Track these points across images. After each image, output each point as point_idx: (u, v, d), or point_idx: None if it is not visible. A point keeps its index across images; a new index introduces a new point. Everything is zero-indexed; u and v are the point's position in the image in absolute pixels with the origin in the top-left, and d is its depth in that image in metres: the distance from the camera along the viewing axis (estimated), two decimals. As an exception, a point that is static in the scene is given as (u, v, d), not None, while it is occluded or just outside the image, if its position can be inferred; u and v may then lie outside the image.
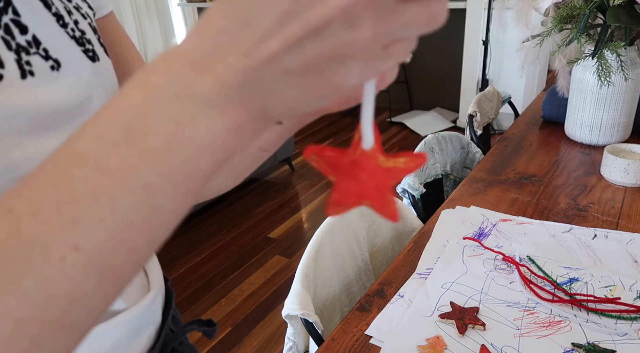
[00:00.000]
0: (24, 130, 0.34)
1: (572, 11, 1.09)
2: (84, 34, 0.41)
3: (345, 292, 0.96)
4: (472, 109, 1.61)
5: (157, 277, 0.51)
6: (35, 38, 0.35)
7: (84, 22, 0.42)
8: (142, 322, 0.46)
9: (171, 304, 0.52)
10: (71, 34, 0.39)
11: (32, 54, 0.34)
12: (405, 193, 1.20)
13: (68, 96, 0.37)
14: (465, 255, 0.84)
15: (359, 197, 0.24)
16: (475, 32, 3.36)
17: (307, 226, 2.45)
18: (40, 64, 0.35)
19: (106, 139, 0.21)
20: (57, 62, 0.36)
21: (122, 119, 0.21)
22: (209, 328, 0.55)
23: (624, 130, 1.22)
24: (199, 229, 2.47)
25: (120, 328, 0.43)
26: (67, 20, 0.39)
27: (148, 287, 0.50)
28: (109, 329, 0.42)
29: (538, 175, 1.13)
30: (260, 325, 1.79)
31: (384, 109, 4.24)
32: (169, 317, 0.51)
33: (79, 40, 0.40)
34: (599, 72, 1.08)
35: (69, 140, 0.21)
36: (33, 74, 0.34)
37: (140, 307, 0.46)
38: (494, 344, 0.65)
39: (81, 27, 0.41)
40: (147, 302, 0.47)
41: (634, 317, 0.68)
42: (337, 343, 0.67)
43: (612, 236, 0.87)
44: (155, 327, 0.49)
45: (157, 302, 0.49)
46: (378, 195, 0.24)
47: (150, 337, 0.48)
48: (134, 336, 0.45)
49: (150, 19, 4.27)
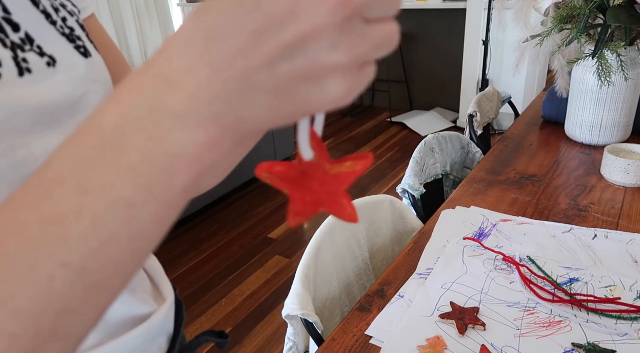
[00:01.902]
0: (27, 128, 0.34)
1: (572, 11, 1.09)
2: (73, 31, 0.41)
3: (345, 292, 0.96)
4: (472, 109, 1.61)
5: (168, 286, 0.51)
6: (28, 35, 0.35)
7: (72, 19, 0.42)
8: (156, 331, 0.46)
9: (182, 314, 0.52)
10: (61, 30, 0.39)
11: (27, 51, 0.34)
12: (405, 193, 1.20)
13: (66, 92, 0.37)
14: (465, 255, 0.84)
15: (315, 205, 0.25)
16: (475, 32, 3.36)
17: (307, 226, 2.45)
18: (36, 60, 0.35)
19: (84, 157, 0.21)
20: (52, 58, 0.36)
21: (97, 136, 0.21)
22: (221, 339, 0.55)
23: (624, 130, 1.22)
24: (199, 229, 2.47)
25: (136, 339, 0.43)
26: (55, 18, 0.39)
27: (162, 297, 0.50)
28: (126, 341, 0.42)
29: (538, 175, 1.13)
30: (260, 325, 1.79)
31: (384, 109, 4.25)
32: (181, 327, 0.51)
33: (69, 37, 0.40)
34: (599, 72, 1.08)
35: (49, 159, 0.22)
36: (30, 71, 0.34)
37: (156, 317, 0.46)
38: (494, 344, 0.65)
39: (69, 24, 0.41)
40: (163, 312, 0.47)
41: (634, 317, 0.68)
42: (337, 343, 0.67)
43: (612, 236, 0.87)
44: (166, 337, 0.49)
45: (171, 311, 0.50)
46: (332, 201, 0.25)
47: (161, 347, 0.48)
48: (147, 347, 0.45)
49: (150, 19, 4.27)
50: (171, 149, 0.21)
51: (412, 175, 1.22)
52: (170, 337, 0.49)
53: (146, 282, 0.50)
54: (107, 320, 0.42)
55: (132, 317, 0.44)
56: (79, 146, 0.21)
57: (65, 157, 0.21)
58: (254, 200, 2.75)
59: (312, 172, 0.25)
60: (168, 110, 0.21)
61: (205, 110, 0.21)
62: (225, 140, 0.22)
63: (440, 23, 3.74)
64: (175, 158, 0.21)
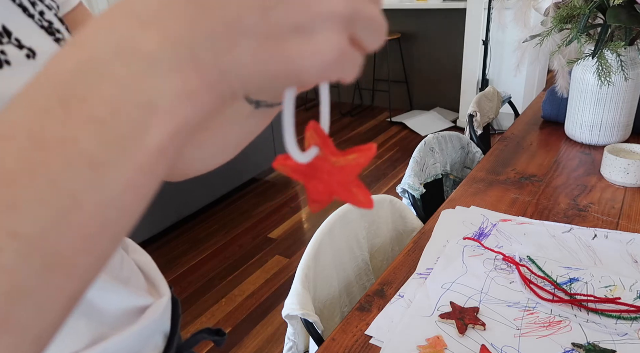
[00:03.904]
0: None
1: (572, 11, 1.09)
2: (52, 24, 0.41)
3: (345, 292, 0.96)
4: (472, 109, 1.61)
5: (164, 283, 0.51)
6: (5, 28, 0.35)
7: (50, 13, 0.41)
8: (152, 329, 0.46)
9: (178, 312, 0.52)
10: (39, 23, 0.39)
11: (5, 44, 0.34)
12: (405, 193, 1.20)
13: None
14: (465, 255, 0.84)
15: (328, 194, 0.26)
16: (475, 32, 3.36)
17: (307, 226, 2.45)
18: (15, 53, 0.34)
19: (40, 106, 0.18)
20: (31, 50, 0.36)
21: (58, 83, 0.18)
22: (218, 337, 0.55)
23: (624, 130, 1.22)
24: (199, 229, 2.47)
25: (131, 337, 0.43)
26: (32, 12, 0.39)
27: (158, 292, 0.50)
28: (121, 340, 0.42)
29: (538, 175, 1.13)
30: (260, 325, 1.79)
31: (384, 109, 4.25)
32: (178, 325, 0.51)
33: (48, 30, 0.40)
34: (599, 72, 1.08)
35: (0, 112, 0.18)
36: (9, 63, 0.34)
37: (153, 312, 0.45)
38: (494, 344, 0.65)
39: (47, 17, 0.41)
40: (160, 307, 0.47)
41: (634, 317, 0.68)
42: (337, 343, 0.67)
43: (612, 236, 0.87)
44: (162, 335, 0.49)
45: (168, 309, 0.49)
46: (343, 190, 0.26)
47: (158, 346, 0.48)
48: (143, 345, 0.45)
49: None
50: (143, 98, 0.18)
51: (412, 175, 1.22)
52: (167, 335, 0.49)
53: (140, 277, 0.50)
54: (101, 310, 0.41)
55: (127, 309, 0.44)
56: (34, 96, 0.18)
57: (17, 108, 0.18)
58: (254, 200, 2.75)
59: (319, 165, 0.26)
60: (140, 51, 0.18)
61: (184, 54, 0.19)
62: (204, 93, 0.20)
63: (440, 23, 3.74)
64: (148, 108, 0.18)
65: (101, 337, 0.41)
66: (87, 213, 0.18)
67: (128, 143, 0.18)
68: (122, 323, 0.43)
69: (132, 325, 0.43)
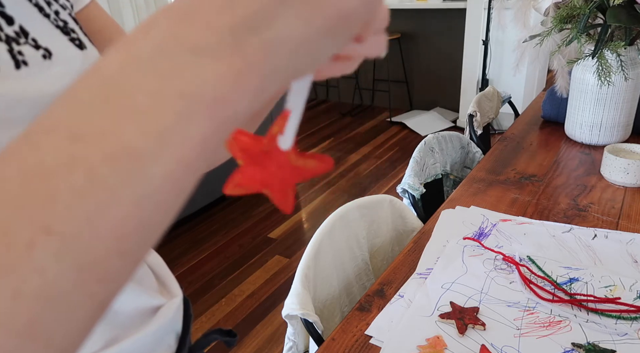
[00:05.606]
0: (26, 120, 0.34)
1: (572, 11, 1.09)
2: (67, 24, 0.41)
3: (345, 292, 0.96)
4: (472, 109, 1.61)
5: (174, 283, 0.51)
6: (22, 28, 0.35)
7: (64, 12, 0.42)
8: (165, 330, 0.46)
9: (190, 312, 0.52)
10: (55, 23, 0.39)
11: (23, 44, 0.34)
12: (405, 193, 1.20)
13: (63, 84, 0.37)
14: (465, 255, 0.84)
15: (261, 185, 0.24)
16: (475, 32, 3.36)
17: (307, 226, 2.45)
18: (32, 53, 0.35)
19: (81, 103, 0.18)
20: (47, 51, 0.36)
21: (101, 80, 0.18)
22: (230, 338, 0.55)
23: (624, 130, 1.22)
24: (199, 229, 2.47)
25: (145, 339, 0.43)
26: (48, 11, 0.39)
27: (169, 293, 0.50)
28: (133, 342, 0.42)
29: (538, 175, 1.13)
30: (260, 325, 1.79)
31: (384, 109, 4.25)
32: (190, 326, 0.51)
33: (64, 29, 0.40)
34: (599, 72, 1.08)
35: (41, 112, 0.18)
36: (27, 63, 0.34)
37: (165, 313, 0.45)
38: (494, 344, 0.65)
39: (62, 17, 0.41)
40: (172, 308, 0.47)
41: (634, 317, 0.68)
42: (337, 343, 0.67)
43: (612, 236, 0.87)
44: (175, 335, 0.49)
45: (180, 309, 0.50)
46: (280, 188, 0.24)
47: (170, 346, 0.48)
48: (156, 345, 0.45)
49: (150, 18, 4.27)
50: (187, 88, 0.18)
51: (412, 175, 1.22)
52: (179, 336, 0.49)
53: (151, 277, 0.50)
54: (116, 311, 0.41)
55: (141, 310, 0.44)
56: (76, 93, 0.18)
57: (59, 105, 0.18)
58: (254, 200, 2.75)
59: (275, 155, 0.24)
60: (183, 45, 0.18)
61: (227, 39, 0.19)
62: (250, 76, 0.19)
63: (440, 23, 3.74)
64: (193, 98, 0.18)
65: (116, 338, 0.41)
66: (124, 209, 0.17)
67: (170, 133, 0.18)
68: (136, 324, 0.43)
69: (145, 326, 0.43)
